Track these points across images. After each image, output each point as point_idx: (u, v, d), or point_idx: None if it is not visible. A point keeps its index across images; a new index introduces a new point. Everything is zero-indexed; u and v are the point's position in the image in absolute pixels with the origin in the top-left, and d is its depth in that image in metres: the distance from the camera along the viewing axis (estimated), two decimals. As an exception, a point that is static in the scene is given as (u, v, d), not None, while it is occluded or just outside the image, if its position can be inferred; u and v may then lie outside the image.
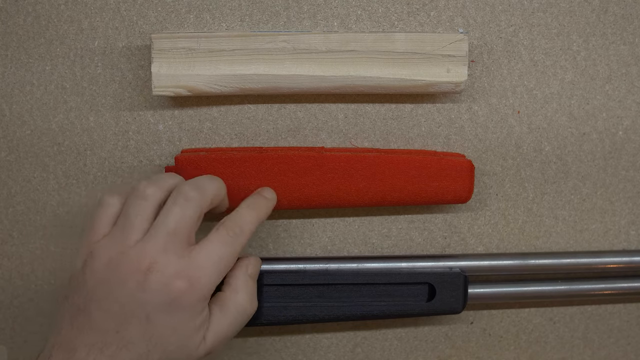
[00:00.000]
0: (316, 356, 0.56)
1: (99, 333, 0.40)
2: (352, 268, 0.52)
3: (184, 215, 0.42)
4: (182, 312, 0.41)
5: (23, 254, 0.54)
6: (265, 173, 0.49)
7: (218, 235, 0.43)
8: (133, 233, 0.42)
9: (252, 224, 0.45)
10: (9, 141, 0.52)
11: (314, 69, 0.50)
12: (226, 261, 0.43)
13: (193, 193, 0.43)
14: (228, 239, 0.43)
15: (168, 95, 0.49)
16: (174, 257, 0.41)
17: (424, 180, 0.51)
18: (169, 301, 0.41)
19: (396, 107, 0.53)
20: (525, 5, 0.53)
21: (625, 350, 0.57)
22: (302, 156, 0.50)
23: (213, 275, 0.42)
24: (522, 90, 0.54)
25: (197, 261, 0.42)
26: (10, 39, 0.51)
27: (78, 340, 0.40)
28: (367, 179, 0.50)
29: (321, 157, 0.50)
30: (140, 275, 0.40)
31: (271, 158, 0.50)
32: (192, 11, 0.52)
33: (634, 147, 0.55)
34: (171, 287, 0.41)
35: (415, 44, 0.50)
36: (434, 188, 0.51)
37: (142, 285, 0.40)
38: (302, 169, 0.50)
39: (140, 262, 0.41)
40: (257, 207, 0.47)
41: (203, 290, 0.42)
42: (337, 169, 0.50)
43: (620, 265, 0.55)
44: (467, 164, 0.51)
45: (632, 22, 0.54)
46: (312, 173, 0.50)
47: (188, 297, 0.41)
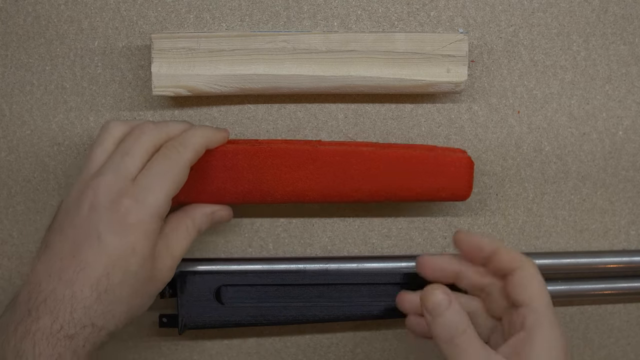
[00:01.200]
0: (316, 356, 0.56)
1: (58, 260, 0.41)
2: (352, 268, 0.52)
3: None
4: (134, 231, 0.42)
5: (23, 254, 0.54)
6: (258, 166, 0.48)
7: (159, 154, 0.44)
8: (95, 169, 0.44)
9: (196, 138, 0.45)
10: (9, 141, 0.52)
11: (314, 69, 0.50)
12: (171, 176, 0.43)
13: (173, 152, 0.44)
14: (169, 153, 0.44)
15: (168, 95, 0.49)
16: (124, 182, 0.43)
17: (420, 176, 0.50)
18: (119, 220, 0.42)
19: (396, 107, 0.53)
20: (525, 5, 0.53)
21: (625, 350, 0.57)
22: (296, 150, 0.49)
23: (158, 191, 0.43)
24: (522, 90, 0.54)
25: (142, 181, 0.43)
26: (10, 39, 0.52)
27: (42, 272, 0.41)
28: (362, 173, 0.49)
29: (315, 151, 0.49)
30: (92, 197, 0.42)
31: (264, 151, 0.48)
32: (192, 11, 0.52)
33: (634, 147, 0.55)
34: (119, 205, 0.42)
35: (415, 44, 0.50)
36: (431, 184, 0.50)
37: (93, 205, 0.42)
38: (296, 163, 0.49)
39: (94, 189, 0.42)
40: (204, 128, 0.47)
41: (151, 207, 0.42)
42: (331, 163, 0.49)
43: (620, 265, 0.55)
44: (465, 160, 0.50)
45: (632, 22, 0.54)
46: (306, 167, 0.49)
47: (136, 214, 0.42)
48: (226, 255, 0.54)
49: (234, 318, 0.51)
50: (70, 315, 0.40)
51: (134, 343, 0.55)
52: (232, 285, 0.51)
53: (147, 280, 0.43)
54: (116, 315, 0.42)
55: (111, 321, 0.42)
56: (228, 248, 0.54)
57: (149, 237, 0.42)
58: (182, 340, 0.55)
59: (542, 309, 0.42)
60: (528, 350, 0.41)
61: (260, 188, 0.49)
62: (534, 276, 0.43)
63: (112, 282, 0.41)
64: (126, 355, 0.55)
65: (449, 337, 0.41)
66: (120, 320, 0.42)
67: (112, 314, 0.42)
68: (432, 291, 0.42)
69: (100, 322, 0.41)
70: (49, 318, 0.40)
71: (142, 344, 0.55)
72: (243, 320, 0.51)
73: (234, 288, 0.51)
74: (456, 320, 0.41)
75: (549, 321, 0.42)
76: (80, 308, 0.40)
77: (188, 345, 0.55)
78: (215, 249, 0.54)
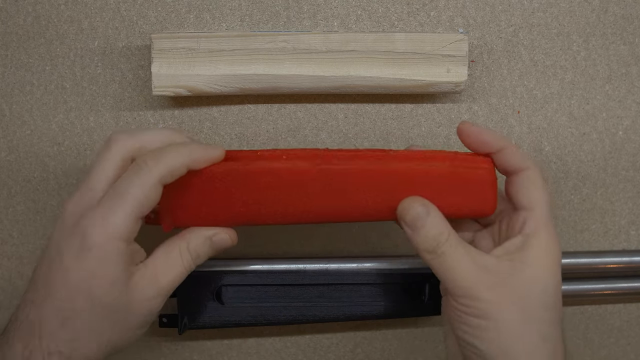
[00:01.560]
0: (316, 356, 0.56)
1: (34, 286, 0.40)
2: (352, 268, 0.52)
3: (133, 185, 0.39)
4: (94, 255, 0.38)
5: (23, 254, 0.54)
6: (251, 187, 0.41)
7: (129, 169, 0.40)
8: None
9: (173, 154, 0.39)
10: (9, 141, 0.52)
11: (314, 69, 0.50)
12: (136, 194, 0.38)
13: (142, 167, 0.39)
14: (137, 169, 0.39)
15: (168, 95, 0.49)
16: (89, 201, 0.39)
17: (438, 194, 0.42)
18: (79, 243, 0.38)
19: (396, 107, 0.53)
20: (525, 5, 0.53)
21: (625, 350, 0.57)
22: (293, 170, 0.41)
23: (120, 211, 0.38)
24: (522, 90, 0.54)
25: (104, 201, 0.39)
26: (10, 39, 0.52)
27: (24, 297, 0.40)
28: (370, 193, 0.42)
29: (318, 172, 0.41)
30: (61, 218, 0.40)
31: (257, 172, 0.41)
32: (192, 11, 0.52)
33: (634, 147, 0.55)
34: (79, 227, 0.39)
35: (415, 44, 0.50)
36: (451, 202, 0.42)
37: (60, 228, 0.39)
38: (293, 185, 0.41)
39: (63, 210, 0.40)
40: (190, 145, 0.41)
41: (111, 228, 0.38)
42: (333, 185, 0.41)
43: (620, 265, 0.55)
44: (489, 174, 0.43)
45: (632, 22, 0.54)
46: (307, 187, 0.42)
47: (95, 236, 0.38)
48: (226, 255, 0.54)
49: (234, 318, 0.51)
50: (39, 341, 0.38)
51: (134, 343, 0.55)
52: (232, 285, 0.51)
53: (120, 309, 0.39)
54: (84, 344, 0.39)
55: (79, 350, 0.39)
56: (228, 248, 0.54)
57: (112, 260, 0.38)
58: (182, 340, 0.55)
59: (543, 215, 0.41)
60: (523, 256, 0.40)
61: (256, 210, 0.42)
62: (539, 180, 0.42)
63: (75, 309, 0.39)
64: (126, 355, 0.55)
65: (433, 247, 0.40)
66: (91, 349, 0.39)
67: (79, 342, 0.39)
68: (410, 204, 0.41)
69: (67, 350, 0.39)
70: (20, 345, 0.38)
71: (142, 344, 0.55)
72: (243, 320, 0.51)
73: (234, 288, 0.51)
74: (437, 229, 0.40)
75: (547, 229, 0.41)
76: (46, 334, 0.38)
77: (188, 345, 0.55)
78: (215, 249, 0.54)
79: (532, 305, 0.40)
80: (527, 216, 0.41)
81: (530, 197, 0.41)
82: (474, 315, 0.40)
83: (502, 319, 0.39)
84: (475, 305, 0.40)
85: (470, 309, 0.40)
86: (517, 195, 0.42)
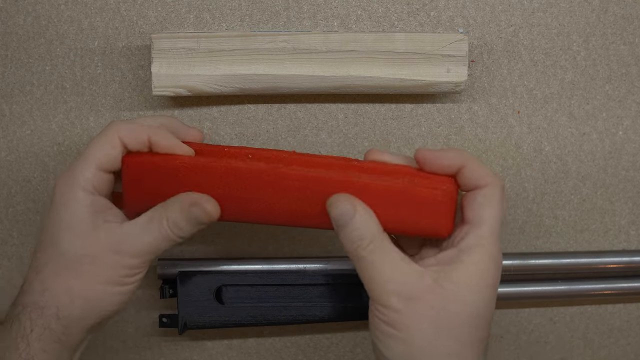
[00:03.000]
0: (316, 356, 0.56)
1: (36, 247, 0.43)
2: (352, 268, 0.52)
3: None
4: (58, 205, 0.41)
5: (23, 254, 0.54)
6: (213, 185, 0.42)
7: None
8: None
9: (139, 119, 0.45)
10: (9, 141, 0.52)
11: (314, 69, 0.50)
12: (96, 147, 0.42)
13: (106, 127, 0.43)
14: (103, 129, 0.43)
15: (168, 95, 0.49)
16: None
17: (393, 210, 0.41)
18: (50, 197, 0.42)
19: (396, 107, 0.53)
20: (525, 5, 0.53)
21: (625, 350, 0.57)
22: (253, 170, 0.42)
23: (82, 161, 0.41)
24: (522, 90, 0.54)
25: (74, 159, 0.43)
26: (10, 39, 0.51)
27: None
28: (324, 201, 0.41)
29: (275, 174, 0.41)
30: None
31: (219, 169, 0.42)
32: (192, 11, 0.52)
33: (634, 147, 0.55)
34: (53, 186, 0.42)
35: (415, 44, 0.50)
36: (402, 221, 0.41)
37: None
38: (252, 185, 0.42)
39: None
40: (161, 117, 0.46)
41: (71, 178, 0.41)
42: (291, 188, 0.41)
43: (620, 265, 0.55)
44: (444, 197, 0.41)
45: (632, 22, 0.54)
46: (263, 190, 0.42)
47: (59, 188, 0.41)
48: (226, 255, 0.54)
49: (234, 318, 0.51)
50: (20, 297, 0.41)
51: (134, 343, 0.55)
52: (232, 285, 0.51)
53: (85, 260, 0.41)
54: (54, 294, 0.40)
55: (50, 300, 0.40)
56: (228, 248, 0.54)
57: (72, 208, 0.41)
58: (182, 340, 0.55)
59: (486, 233, 0.39)
60: (449, 271, 0.39)
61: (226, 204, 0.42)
62: (495, 197, 0.40)
63: (45, 259, 0.41)
64: (126, 355, 0.55)
65: (353, 248, 0.39)
66: (62, 301, 0.40)
67: (50, 292, 0.41)
68: (337, 200, 0.40)
69: (40, 300, 0.40)
70: (13, 304, 0.42)
71: (142, 344, 0.55)
72: (243, 320, 0.51)
73: (234, 288, 0.51)
74: (360, 231, 0.39)
75: (486, 248, 0.39)
76: (26, 288, 0.41)
77: (188, 345, 0.55)
78: (215, 249, 0.54)
79: (445, 323, 0.38)
80: (469, 231, 0.40)
81: (479, 214, 0.40)
82: (385, 322, 0.39)
83: (412, 331, 0.38)
84: (387, 313, 0.39)
85: (383, 316, 0.39)
86: (467, 209, 0.41)
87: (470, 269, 0.39)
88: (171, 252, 0.52)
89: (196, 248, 0.54)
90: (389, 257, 0.39)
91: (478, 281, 0.39)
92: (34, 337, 0.40)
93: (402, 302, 0.38)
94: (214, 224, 0.45)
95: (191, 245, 0.54)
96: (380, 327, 0.39)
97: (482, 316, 0.39)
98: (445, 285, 0.38)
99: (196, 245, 0.54)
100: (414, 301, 0.38)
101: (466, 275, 0.39)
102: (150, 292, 0.54)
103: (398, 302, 0.39)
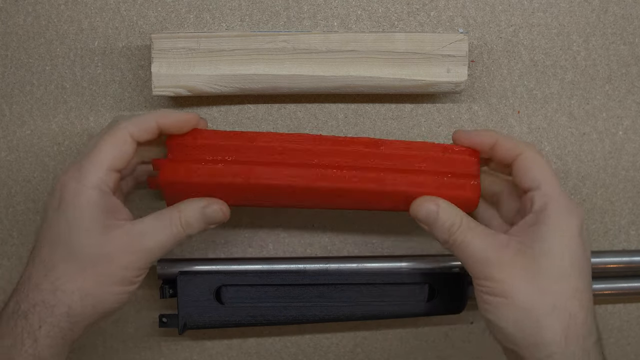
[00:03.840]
0: (316, 356, 0.56)
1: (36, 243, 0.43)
2: (352, 268, 0.52)
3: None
4: (69, 205, 0.41)
5: (23, 254, 0.54)
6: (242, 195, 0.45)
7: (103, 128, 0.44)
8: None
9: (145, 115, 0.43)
10: (9, 141, 0.52)
11: (314, 69, 0.50)
12: (108, 146, 0.42)
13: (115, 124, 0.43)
14: (110, 126, 0.43)
15: (168, 95, 0.49)
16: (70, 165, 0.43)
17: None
18: (58, 196, 0.42)
19: (396, 107, 0.53)
20: (525, 5, 0.53)
21: (625, 350, 0.57)
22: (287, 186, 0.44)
23: (94, 162, 0.41)
24: (522, 90, 0.54)
25: (81, 156, 0.42)
26: (10, 39, 0.51)
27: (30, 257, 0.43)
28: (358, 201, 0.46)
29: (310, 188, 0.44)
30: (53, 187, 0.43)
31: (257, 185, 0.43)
32: (192, 11, 0.52)
33: (634, 147, 0.55)
34: (59, 183, 0.42)
35: (415, 44, 0.50)
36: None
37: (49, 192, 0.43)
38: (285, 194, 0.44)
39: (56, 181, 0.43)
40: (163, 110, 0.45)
41: (84, 179, 0.41)
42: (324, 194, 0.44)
43: (620, 265, 0.55)
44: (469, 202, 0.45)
45: (632, 22, 0.54)
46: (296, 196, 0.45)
47: (70, 188, 0.41)
48: (226, 255, 0.54)
49: (234, 318, 0.51)
50: (26, 294, 0.41)
51: (134, 343, 0.55)
52: (232, 285, 0.51)
53: (98, 260, 0.41)
54: (66, 293, 0.41)
55: (62, 299, 0.41)
56: (228, 248, 0.54)
57: (86, 209, 0.41)
58: (182, 340, 0.55)
59: (549, 189, 0.42)
60: (533, 232, 0.42)
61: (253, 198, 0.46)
62: (536, 159, 0.43)
63: (56, 259, 0.41)
64: (126, 355, 0.55)
65: (446, 237, 0.43)
66: (73, 300, 0.41)
67: (62, 291, 0.41)
68: (419, 205, 0.44)
69: (51, 299, 0.41)
70: (13, 301, 0.41)
71: (142, 344, 0.55)
72: (243, 320, 0.51)
73: (234, 288, 0.51)
74: (449, 221, 0.43)
75: (557, 202, 0.42)
76: (33, 287, 0.41)
77: (188, 345, 0.55)
78: (215, 249, 0.54)
79: (541, 280, 0.41)
80: (534, 195, 0.43)
81: (531, 176, 0.43)
82: (490, 294, 0.42)
83: (514, 295, 0.41)
84: (490, 285, 0.42)
85: (487, 288, 0.42)
86: (520, 179, 0.44)
87: (548, 225, 0.42)
88: (171, 252, 0.52)
89: (196, 248, 0.54)
90: (478, 234, 0.43)
91: (563, 233, 0.42)
92: (42, 334, 0.40)
93: (497, 270, 0.41)
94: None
95: (191, 245, 0.54)
96: (488, 300, 0.42)
97: (575, 265, 0.42)
98: (530, 245, 0.41)
99: (196, 245, 0.54)
100: (507, 267, 0.41)
101: (546, 232, 0.41)
102: (150, 292, 0.54)
103: (494, 272, 0.41)
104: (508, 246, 0.42)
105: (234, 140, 0.44)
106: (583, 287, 0.42)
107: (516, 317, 0.41)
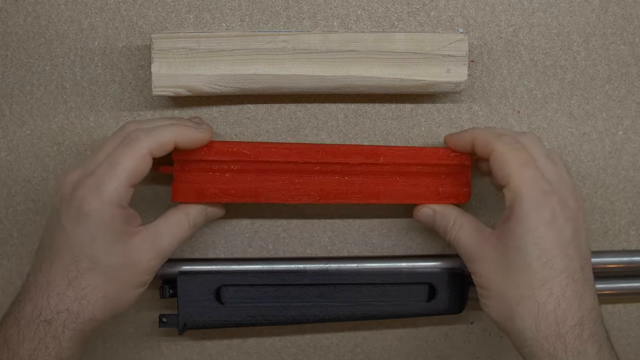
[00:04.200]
0: (316, 356, 0.56)
1: (41, 252, 0.44)
2: (352, 268, 0.52)
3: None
4: (91, 219, 0.42)
5: (23, 254, 0.54)
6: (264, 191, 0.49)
7: (113, 138, 0.45)
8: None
9: (162, 130, 0.44)
10: (9, 141, 0.52)
11: (314, 69, 0.50)
12: (127, 163, 0.43)
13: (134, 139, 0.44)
14: (129, 141, 0.43)
15: (168, 95, 0.49)
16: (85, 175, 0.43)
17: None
18: (76, 210, 0.42)
19: (396, 107, 0.53)
20: (525, 5, 0.53)
21: (625, 350, 0.57)
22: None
23: (114, 179, 0.42)
24: (522, 90, 0.54)
25: (98, 171, 0.43)
26: (10, 39, 0.52)
27: (32, 265, 0.44)
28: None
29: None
30: (60, 191, 0.44)
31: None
32: (192, 11, 0.52)
33: (634, 147, 0.55)
34: (75, 195, 0.42)
35: (415, 44, 0.50)
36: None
37: (60, 199, 0.43)
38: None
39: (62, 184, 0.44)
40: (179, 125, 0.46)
41: (105, 195, 0.42)
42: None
43: (620, 265, 0.55)
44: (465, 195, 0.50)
45: (632, 22, 0.54)
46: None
47: (90, 203, 0.42)
48: (226, 255, 0.54)
49: (234, 318, 0.51)
50: (47, 301, 0.42)
51: (134, 343, 0.55)
52: (232, 285, 0.51)
53: (122, 269, 0.43)
54: (91, 302, 0.43)
55: (87, 307, 0.42)
56: (228, 248, 0.54)
57: (110, 225, 0.42)
58: (182, 340, 0.55)
59: (516, 186, 0.43)
60: (505, 227, 0.44)
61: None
62: (505, 154, 0.44)
63: (81, 269, 0.42)
64: (126, 355, 0.55)
65: (445, 234, 0.48)
66: (97, 307, 0.43)
67: (87, 300, 0.43)
68: (419, 211, 0.50)
69: (75, 307, 0.42)
70: (30, 305, 0.42)
71: (142, 344, 0.55)
72: (243, 320, 0.51)
73: (234, 288, 0.51)
74: (444, 223, 0.48)
75: (525, 198, 0.43)
76: (54, 295, 0.42)
77: (188, 345, 0.55)
78: (215, 249, 0.54)
79: (513, 272, 0.43)
80: (505, 191, 0.45)
81: (500, 175, 0.45)
82: (479, 285, 0.46)
83: (493, 287, 0.44)
84: (476, 278, 0.46)
85: (475, 281, 0.46)
86: (494, 177, 0.46)
87: (515, 221, 0.43)
88: (171, 252, 0.52)
89: (196, 248, 0.54)
90: (467, 231, 0.47)
91: (523, 228, 0.43)
92: (65, 338, 0.42)
93: (479, 265, 0.45)
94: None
95: (191, 246, 0.54)
96: (479, 292, 0.46)
97: (542, 257, 0.43)
98: (502, 240, 0.44)
99: (196, 245, 0.54)
100: (486, 261, 0.45)
101: (514, 228, 0.43)
102: (150, 292, 0.53)
103: (477, 266, 0.45)
104: (489, 241, 0.45)
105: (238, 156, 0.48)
106: (553, 274, 0.43)
107: (497, 308, 0.44)
